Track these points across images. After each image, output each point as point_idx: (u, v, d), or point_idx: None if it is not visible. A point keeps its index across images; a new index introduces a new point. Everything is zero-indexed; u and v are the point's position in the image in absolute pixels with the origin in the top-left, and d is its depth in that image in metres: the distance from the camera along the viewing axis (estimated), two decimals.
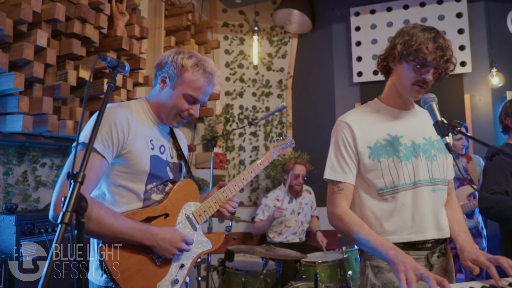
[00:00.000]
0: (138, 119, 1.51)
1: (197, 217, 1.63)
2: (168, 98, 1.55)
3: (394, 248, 1.32)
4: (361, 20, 4.87)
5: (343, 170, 1.54)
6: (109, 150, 1.38)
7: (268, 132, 5.16)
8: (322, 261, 3.27)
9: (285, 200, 3.98)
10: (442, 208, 1.57)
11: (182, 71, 1.53)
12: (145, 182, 1.49)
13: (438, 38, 1.43)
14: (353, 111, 1.65)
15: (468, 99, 4.45)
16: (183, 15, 3.92)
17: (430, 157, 1.54)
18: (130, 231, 1.36)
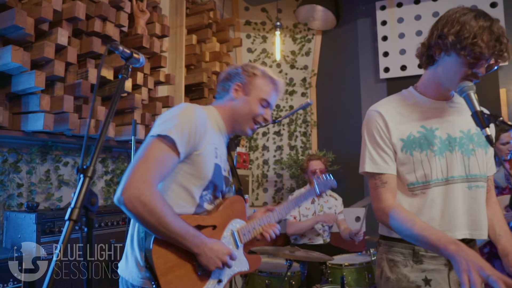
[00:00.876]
0: (210, 125, 1.51)
1: (241, 235, 1.62)
2: (245, 104, 1.59)
3: (455, 243, 1.18)
4: (388, 14, 4.70)
5: (384, 161, 1.42)
6: (185, 148, 1.37)
7: (292, 131, 5.06)
8: (349, 264, 3.14)
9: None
10: (481, 206, 1.43)
11: (254, 79, 1.60)
12: (203, 188, 1.48)
13: (494, 27, 1.25)
14: (385, 100, 1.53)
15: (504, 94, 4.20)
16: (204, 13, 3.88)
17: (468, 151, 1.41)
18: (184, 234, 1.35)
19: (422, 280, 1.36)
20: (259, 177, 4.96)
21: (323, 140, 5.02)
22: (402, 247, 1.41)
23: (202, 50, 3.94)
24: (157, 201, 1.28)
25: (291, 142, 5.05)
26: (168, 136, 1.33)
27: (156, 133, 1.35)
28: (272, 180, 5.00)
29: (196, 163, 1.43)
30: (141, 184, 1.26)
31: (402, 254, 1.41)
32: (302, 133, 5.07)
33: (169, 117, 1.39)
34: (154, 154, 1.32)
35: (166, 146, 1.33)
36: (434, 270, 1.36)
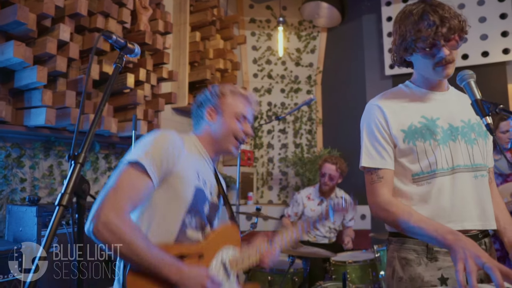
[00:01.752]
0: (188, 149, 1.49)
1: (233, 264, 1.53)
2: (222, 125, 1.59)
3: (452, 232, 1.17)
4: (393, 9, 4.66)
5: (381, 156, 1.40)
6: (157, 173, 1.34)
7: (297, 129, 5.04)
8: (352, 261, 3.11)
9: (315, 201, 3.84)
10: (487, 196, 1.40)
11: (224, 98, 1.61)
12: (184, 213, 1.42)
13: (427, 14, 1.29)
14: (384, 93, 1.51)
15: None
16: (208, 10, 3.88)
17: (470, 141, 1.38)
18: (159, 262, 1.27)
19: (438, 280, 1.31)
20: (264, 175, 4.95)
21: (328, 137, 5.00)
22: (415, 243, 1.36)
23: (206, 47, 3.95)
24: (126, 228, 1.23)
25: (296, 140, 5.03)
26: (138, 163, 1.30)
27: (127, 160, 1.33)
28: (277, 178, 4.98)
29: (173, 187, 1.39)
30: (110, 212, 1.22)
31: (415, 252, 1.36)
32: (307, 131, 5.05)
33: (142, 144, 1.38)
34: (124, 181, 1.29)
35: (137, 173, 1.30)
36: (450, 267, 1.30)
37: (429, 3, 1.33)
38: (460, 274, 1.03)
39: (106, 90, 1.20)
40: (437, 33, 1.27)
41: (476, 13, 4.22)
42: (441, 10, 1.29)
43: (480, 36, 4.21)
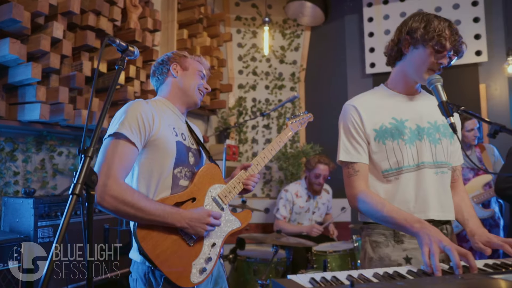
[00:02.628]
0: (159, 111, 1.63)
1: (223, 198, 1.71)
2: (187, 78, 1.77)
3: (419, 221, 1.32)
4: (374, 10, 4.84)
5: (357, 151, 1.56)
6: (137, 137, 1.48)
7: (281, 125, 5.19)
8: (333, 251, 3.29)
9: (303, 197, 3.97)
10: (447, 190, 1.57)
11: (186, 58, 1.82)
12: (172, 167, 1.58)
13: (452, 25, 1.48)
14: (360, 95, 1.67)
15: (484, 89, 4.38)
16: (195, 8, 3.97)
17: (435, 140, 1.55)
18: (162, 213, 1.45)
19: (403, 259, 1.48)
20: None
21: (311, 133, 5.16)
22: (384, 229, 1.52)
23: (193, 44, 4.04)
24: (126, 191, 1.40)
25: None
26: (118, 133, 1.45)
27: (108, 134, 1.48)
28: (261, 172, 5.12)
29: (157, 146, 1.54)
30: (107, 180, 1.37)
31: (384, 235, 1.53)
32: None
33: (117, 118, 1.53)
34: (112, 151, 1.44)
35: (120, 142, 1.45)
36: (414, 249, 1.47)
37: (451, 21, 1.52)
38: (426, 256, 1.18)
39: (110, 89, 1.32)
40: (454, 45, 1.46)
41: (451, 16, 4.41)
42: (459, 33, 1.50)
43: None
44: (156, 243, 1.46)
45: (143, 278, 1.51)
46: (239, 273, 3.21)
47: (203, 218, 1.53)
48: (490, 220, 3.21)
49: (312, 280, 1.03)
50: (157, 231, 1.47)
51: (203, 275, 1.55)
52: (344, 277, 1.07)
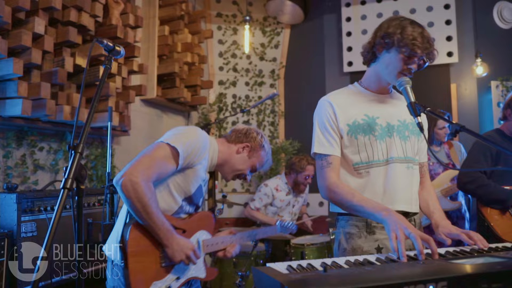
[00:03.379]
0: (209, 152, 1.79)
1: (205, 245, 1.85)
2: (242, 162, 1.92)
3: (386, 209, 1.43)
4: (352, 11, 4.97)
5: (330, 144, 1.64)
6: (183, 161, 1.64)
7: (260, 121, 5.27)
8: (310, 243, 3.41)
9: (283, 191, 4.07)
10: (415, 185, 1.68)
11: (260, 150, 1.96)
12: (184, 199, 1.75)
13: (425, 33, 1.56)
14: (335, 92, 1.76)
15: (454, 89, 4.57)
16: (176, 4, 4.00)
17: (404, 137, 1.66)
18: (161, 225, 1.59)
19: (375, 249, 1.58)
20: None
21: (290, 129, 5.27)
22: (357, 220, 1.62)
23: (174, 41, 4.07)
24: (147, 192, 1.53)
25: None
26: (175, 147, 1.60)
27: (166, 140, 1.62)
28: None
29: (187, 177, 1.71)
30: (140, 174, 1.51)
31: (357, 227, 1.62)
32: (270, 123, 5.30)
33: (181, 133, 1.67)
34: (159, 156, 1.59)
35: (170, 154, 1.61)
36: (385, 239, 1.58)
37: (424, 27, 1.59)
38: (394, 241, 1.29)
39: (98, 88, 1.37)
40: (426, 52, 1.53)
41: (425, 18, 4.60)
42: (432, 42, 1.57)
43: None
44: (139, 243, 1.58)
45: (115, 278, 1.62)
46: (219, 266, 3.30)
47: (187, 249, 1.66)
48: (457, 212, 3.39)
49: (289, 267, 1.12)
50: (146, 236, 1.60)
51: None
52: (318, 264, 1.17)
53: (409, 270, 1.10)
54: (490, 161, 2.46)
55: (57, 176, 2.91)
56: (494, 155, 2.45)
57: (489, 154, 2.46)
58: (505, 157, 2.45)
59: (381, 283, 0.92)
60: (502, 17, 4.59)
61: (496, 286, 1.03)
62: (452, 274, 1.01)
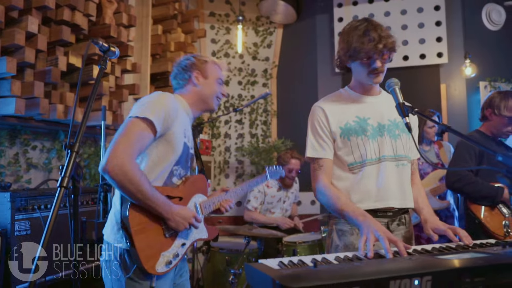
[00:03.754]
0: (180, 110, 1.77)
1: (202, 208, 1.87)
2: (208, 86, 1.89)
3: (363, 215, 1.50)
4: (344, 11, 5.02)
5: (322, 148, 1.72)
6: (160, 127, 1.62)
7: (253, 120, 5.31)
8: (302, 241, 3.45)
9: (274, 188, 4.11)
10: (407, 181, 1.74)
11: (207, 65, 1.92)
12: (173, 163, 1.73)
13: (369, 31, 1.62)
14: (326, 97, 1.83)
15: (444, 89, 4.65)
16: (170, 4, 4.02)
17: (394, 136, 1.72)
18: (157, 201, 1.58)
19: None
20: (221, 163, 5.18)
21: (282, 128, 5.31)
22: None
23: (167, 40, 4.08)
24: (136, 171, 1.52)
25: (252, 130, 5.30)
26: (146, 118, 1.57)
27: (135, 114, 1.59)
28: (234, 167, 5.23)
29: (168, 142, 1.68)
30: (123, 155, 1.49)
31: (349, 225, 1.68)
32: (263, 122, 5.33)
33: (146, 102, 1.63)
34: (134, 131, 1.56)
35: (144, 126, 1.58)
36: None
37: (371, 22, 1.66)
38: (362, 243, 1.35)
39: (93, 88, 1.39)
40: (375, 48, 1.59)
41: (416, 19, 4.67)
42: (379, 30, 1.62)
43: (419, 40, 4.67)
44: (140, 222, 1.58)
45: (118, 259, 1.60)
46: (212, 264, 3.33)
47: (188, 217, 1.68)
48: (446, 211, 3.46)
49: (281, 263, 1.16)
50: (145, 214, 1.60)
51: (167, 267, 1.65)
52: (309, 260, 1.21)
53: (396, 266, 1.14)
54: (474, 160, 2.53)
55: (50, 175, 2.92)
56: (477, 154, 2.53)
57: (473, 153, 2.53)
58: (488, 156, 2.51)
59: (368, 277, 0.96)
60: (491, 19, 4.68)
61: (478, 280, 1.08)
62: (437, 269, 1.05)
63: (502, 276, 1.08)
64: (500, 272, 1.09)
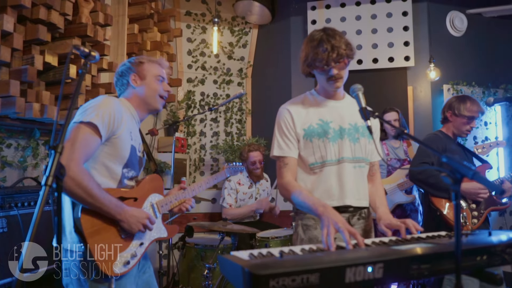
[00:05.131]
0: (125, 113, 1.80)
1: (159, 207, 1.93)
2: (145, 87, 1.90)
3: (323, 206, 1.62)
4: (317, 14, 5.18)
5: (288, 146, 1.85)
6: (105, 131, 1.65)
7: (228, 119, 5.40)
8: (274, 237, 3.59)
9: (245, 185, 4.23)
10: (363, 182, 1.89)
11: (142, 65, 1.92)
12: (122, 166, 1.77)
13: (323, 42, 1.75)
14: (293, 100, 1.96)
15: (411, 91, 4.88)
16: (146, 3, 4.05)
17: (354, 139, 1.86)
18: (108, 204, 1.62)
19: None
20: (196, 161, 5.26)
21: (256, 127, 5.43)
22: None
23: (143, 39, 4.12)
24: (84, 176, 1.56)
25: (227, 128, 5.40)
26: (91, 123, 1.61)
27: (79, 120, 1.63)
28: (209, 164, 5.32)
29: (115, 145, 1.73)
30: (69, 162, 1.51)
31: (314, 219, 1.83)
32: (238, 120, 5.44)
33: (90, 107, 1.67)
34: (80, 137, 1.59)
35: (90, 130, 1.61)
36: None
37: (327, 32, 1.79)
38: (324, 236, 1.47)
39: (74, 92, 1.46)
40: (328, 58, 1.73)
41: (385, 23, 4.88)
42: (333, 39, 1.75)
43: (388, 44, 4.89)
44: (94, 224, 1.62)
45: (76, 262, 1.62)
46: (187, 259, 3.42)
47: (141, 219, 1.73)
48: (411, 205, 3.68)
49: (251, 254, 1.27)
50: (97, 216, 1.63)
51: (125, 268, 1.70)
52: (276, 252, 1.33)
53: (353, 255, 1.28)
54: (437, 158, 2.72)
55: (25, 173, 2.93)
56: (440, 151, 2.70)
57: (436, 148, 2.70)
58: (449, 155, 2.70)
59: (327, 265, 1.09)
60: (454, 25, 4.94)
61: (425, 267, 1.24)
62: (388, 257, 1.19)
63: (444, 262, 1.24)
64: (442, 259, 1.25)
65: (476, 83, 4.86)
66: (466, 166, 1.21)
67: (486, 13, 5.08)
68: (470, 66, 5.00)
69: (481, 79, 4.95)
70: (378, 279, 1.15)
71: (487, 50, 5.09)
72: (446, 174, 1.24)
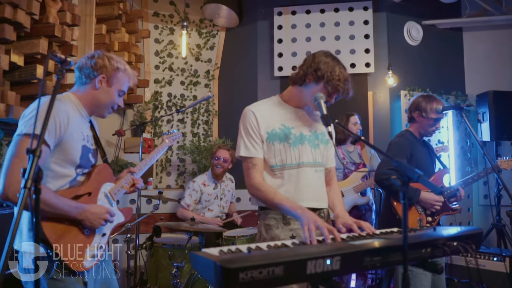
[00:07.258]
0: (71, 112, 1.80)
1: (113, 194, 1.98)
2: (106, 94, 1.89)
3: (301, 208, 1.75)
4: (283, 19, 5.34)
5: (254, 148, 1.94)
6: (52, 139, 1.66)
7: (195, 120, 5.46)
8: (241, 235, 3.70)
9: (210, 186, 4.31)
10: (322, 185, 2.03)
11: (117, 72, 1.89)
12: (75, 167, 1.80)
13: (347, 75, 1.91)
14: (258, 103, 2.07)
15: (371, 96, 5.15)
16: (114, 3, 4.05)
17: (314, 145, 2.01)
18: (67, 208, 1.67)
19: (290, 237, 1.90)
20: (163, 161, 5.28)
21: (223, 128, 5.52)
22: (275, 214, 1.93)
23: (111, 40, 4.11)
24: None
25: (194, 129, 5.46)
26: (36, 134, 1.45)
27: (22, 132, 1.61)
28: (175, 165, 5.36)
29: (64, 149, 1.73)
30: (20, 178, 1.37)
31: (275, 219, 1.94)
32: (204, 122, 5.51)
33: (31, 116, 1.64)
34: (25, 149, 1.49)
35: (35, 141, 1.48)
36: (298, 229, 1.90)
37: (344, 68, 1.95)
38: (306, 233, 1.61)
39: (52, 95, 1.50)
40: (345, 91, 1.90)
41: (347, 31, 5.12)
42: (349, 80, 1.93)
43: (350, 50, 5.12)
44: (57, 230, 1.66)
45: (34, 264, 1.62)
46: (155, 259, 3.46)
47: (101, 214, 1.79)
48: (366, 206, 3.93)
49: (221, 250, 1.38)
50: (57, 221, 1.67)
51: (93, 260, 1.78)
52: (245, 248, 1.44)
53: (314, 249, 1.42)
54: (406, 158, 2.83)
55: None
56: (408, 156, 2.75)
57: (405, 155, 2.74)
58: (417, 159, 2.78)
59: (290, 258, 1.22)
60: (411, 35, 5.26)
61: (377, 259, 1.39)
62: (345, 251, 1.34)
63: (393, 255, 1.41)
64: (392, 252, 1.41)
65: (430, 89, 5.18)
66: (413, 170, 1.38)
67: (440, 25, 5.44)
68: (425, 74, 5.34)
69: (435, 86, 5.29)
70: (336, 270, 1.29)
71: (441, 59, 5.46)
72: (396, 177, 1.40)
